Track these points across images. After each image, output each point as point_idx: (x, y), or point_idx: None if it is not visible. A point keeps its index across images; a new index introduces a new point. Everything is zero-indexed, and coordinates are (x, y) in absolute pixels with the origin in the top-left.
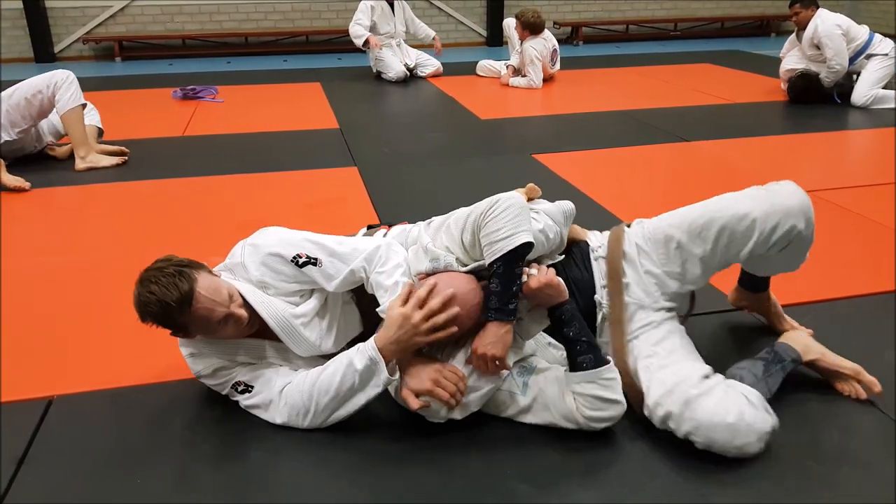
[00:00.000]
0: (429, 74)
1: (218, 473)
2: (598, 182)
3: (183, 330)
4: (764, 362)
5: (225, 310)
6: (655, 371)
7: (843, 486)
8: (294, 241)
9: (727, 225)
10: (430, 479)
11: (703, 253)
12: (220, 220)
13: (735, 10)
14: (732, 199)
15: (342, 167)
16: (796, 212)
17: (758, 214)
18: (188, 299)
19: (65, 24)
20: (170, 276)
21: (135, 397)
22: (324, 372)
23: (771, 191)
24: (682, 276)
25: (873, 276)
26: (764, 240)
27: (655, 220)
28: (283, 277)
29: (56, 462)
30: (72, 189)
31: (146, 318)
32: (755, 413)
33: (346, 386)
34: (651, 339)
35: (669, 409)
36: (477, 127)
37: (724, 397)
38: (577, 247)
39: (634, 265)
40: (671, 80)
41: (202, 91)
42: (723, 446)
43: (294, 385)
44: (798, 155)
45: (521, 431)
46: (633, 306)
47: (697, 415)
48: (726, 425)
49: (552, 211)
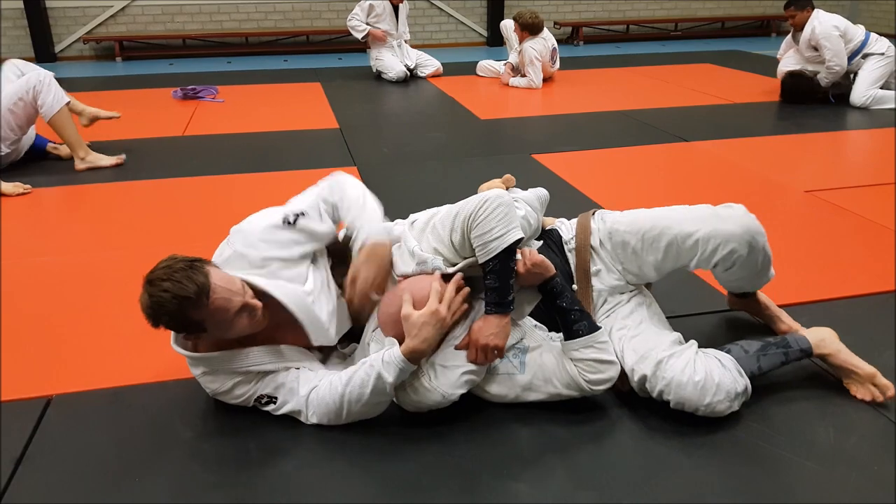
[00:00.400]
0: (429, 74)
1: (217, 473)
2: (598, 182)
3: (198, 328)
4: (764, 343)
5: (241, 299)
6: (627, 341)
7: (841, 486)
8: (270, 212)
9: (674, 241)
10: (428, 478)
11: (654, 260)
12: (221, 220)
13: (735, 10)
14: (682, 216)
15: (342, 167)
16: (737, 238)
17: (700, 236)
18: (205, 291)
19: (65, 24)
20: (182, 272)
21: (134, 397)
22: (350, 384)
23: (718, 214)
24: (638, 275)
25: (873, 277)
26: (706, 259)
27: (614, 220)
28: (286, 243)
29: (54, 461)
30: (71, 189)
31: (160, 319)
32: (723, 372)
33: (377, 397)
34: (621, 314)
35: (643, 372)
36: (477, 127)
37: (693, 358)
38: (549, 235)
39: (601, 257)
40: (671, 80)
41: (202, 91)
42: (694, 404)
43: (320, 395)
44: (797, 155)
45: (519, 430)
46: (605, 292)
47: (667, 374)
48: (694, 383)
49: (529, 198)
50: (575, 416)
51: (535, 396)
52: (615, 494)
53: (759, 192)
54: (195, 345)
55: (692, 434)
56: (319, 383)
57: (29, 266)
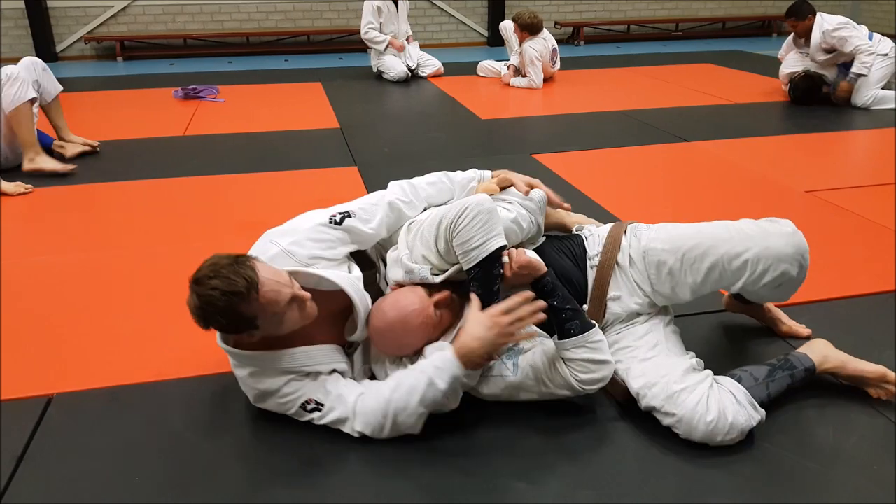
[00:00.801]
0: (430, 74)
1: (217, 472)
2: (599, 182)
3: (250, 324)
4: (770, 367)
5: (290, 290)
6: (637, 362)
7: (841, 486)
8: (318, 213)
9: (718, 262)
10: (427, 478)
11: (693, 282)
12: (221, 220)
13: (736, 10)
14: (728, 234)
15: (343, 167)
16: (789, 258)
17: (750, 256)
18: (254, 285)
19: (66, 24)
20: (228, 267)
21: (134, 396)
22: (398, 390)
23: (767, 231)
24: (670, 297)
25: (873, 277)
26: (754, 280)
27: (650, 238)
28: (332, 243)
29: (55, 460)
30: (72, 188)
31: (212, 319)
32: (738, 410)
33: (427, 402)
34: (635, 333)
35: (651, 402)
36: (477, 127)
37: (706, 394)
38: (571, 242)
39: (627, 276)
40: (672, 80)
41: (203, 91)
42: (704, 441)
43: (367, 403)
44: (798, 155)
45: (518, 430)
46: (623, 314)
47: (678, 410)
48: (706, 423)
49: (524, 200)
50: (575, 416)
51: (528, 396)
52: (614, 494)
53: (759, 192)
54: (242, 344)
55: None
56: (366, 391)
57: (29, 265)
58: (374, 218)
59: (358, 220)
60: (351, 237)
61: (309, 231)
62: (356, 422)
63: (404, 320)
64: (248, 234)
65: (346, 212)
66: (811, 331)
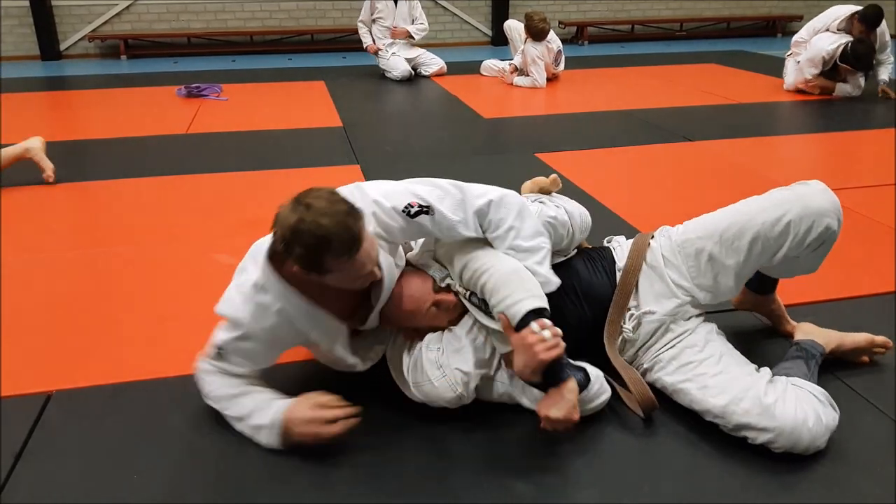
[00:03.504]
0: (433, 74)
1: (216, 470)
2: (601, 181)
3: (320, 271)
4: (803, 360)
5: (372, 265)
6: (710, 378)
7: (842, 486)
8: (398, 190)
9: (760, 232)
10: (427, 477)
11: (736, 264)
12: (224, 218)
13: (741, 10)
14: (760, 205)
15: (345, 165)
16: (830, 212)
17: (792, 217)
18: (357, 246)
19: (71, 22)
20: (344, 215)
21: (133, 393)
22: (230, 402)
23: (800, 193)
24: (714, 287)
25: (875, 277)
26: (798, 242)
27: (681, 232)
28: (395, 232)
29: (54, 457)
30: (73, 186)
31: (295, 245)
32: (826, 411)
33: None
34: (693, 347)
35: (743, 419)
36: (480, 126)
37: (799, 400)
38: (601, 255)
39: (663, 278)
40: (676, 80)
41: (206, 89)
42: (804, 448)
43: (214, 381)
44: (802, 155)
45: (518, 430)
46: (667, 319)
47: (779, 423)
48: (808, 429)
49: (573, 212)
50: None
51: (528, 403)
52: (615, 494)
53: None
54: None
55: (692, 433)
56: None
57: (30, 262)
58: (455, 225)
59: (432, 221)
60: (414, 231)
61: (373, 205)
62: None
63: (397, 299)
64: (250, 233)
65: (427, 205)
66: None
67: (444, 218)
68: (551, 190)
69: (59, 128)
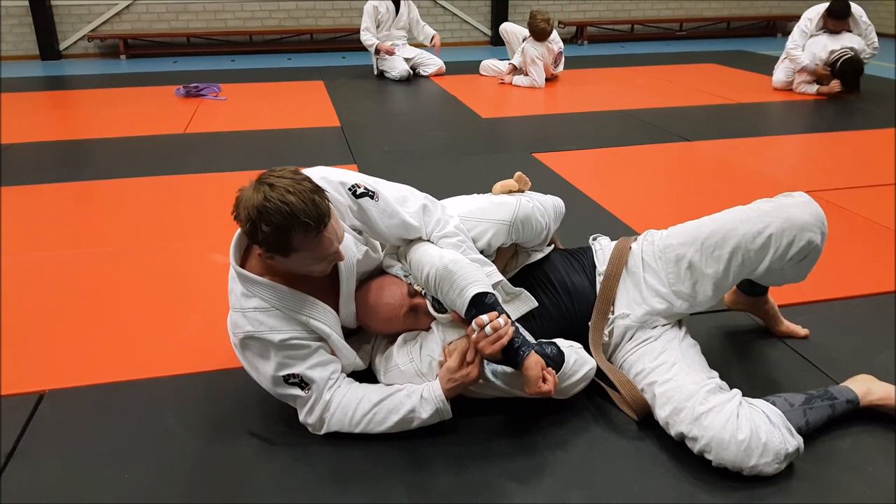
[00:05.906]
0: (431, 74)
1: (208, 470)
2: (599, 181)
3: (284, 252)
4: (807, 395)
5: (338, 245)
6: (658, 386)
7: (841, 489)
8: (350, 174)
9: (741, 243)
10: (419, 478)
11: (714, 273)
12: (222, 218)
13: (741, 10)
14: (744, 215)
15: (343, 165)
16: (812, 225)
17: (773, 230)
18: (324, 223)
19: (70, 22)
20: (310, 192)
21: (126, 393)
22: (379, 407)
23: (783, 205)
24: (691, 296)
25: (873, 277)
26: (780, 256)
27: (664, 236)
28: (340, 212)
29: (46, 456)
30: (71, 185)
31: (261, 225)
32: (771, 430)
33: (403, 425)
34: (651, 353)
35: (679, 428)
36: (478, 126)
37: (736, 412)
38: (582, 255)
39: (638, 283)
40: (675, 80)
41: (205, 89)
42: (737, 466)
43: (344, 404)
44: (800, 155)
45: (510, 430)
46: (634, 326)
47: (707, 431)
48: (737, 442)
49: (545, 203)
50: (567, 414)
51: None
52: (607, 493)
53: (761, 191)
54: (246, 264)
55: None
56: (347, 391)
57: (26, 261)
58: (394, 219)
59: (376, 208)
60: (358, 215)
61: (333, 186)
62: (329, 417)
63: (374, 307)
64: None
65: (373, 190)
66: (808, 331)
67: (388, 205)
68: (523, 189)
69: (58, 127)
